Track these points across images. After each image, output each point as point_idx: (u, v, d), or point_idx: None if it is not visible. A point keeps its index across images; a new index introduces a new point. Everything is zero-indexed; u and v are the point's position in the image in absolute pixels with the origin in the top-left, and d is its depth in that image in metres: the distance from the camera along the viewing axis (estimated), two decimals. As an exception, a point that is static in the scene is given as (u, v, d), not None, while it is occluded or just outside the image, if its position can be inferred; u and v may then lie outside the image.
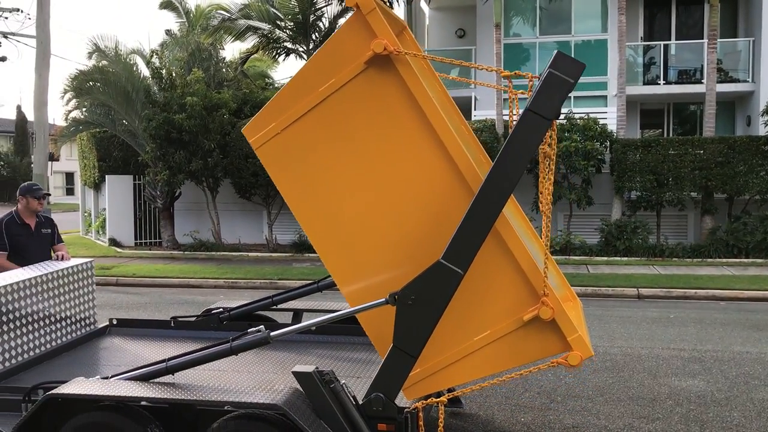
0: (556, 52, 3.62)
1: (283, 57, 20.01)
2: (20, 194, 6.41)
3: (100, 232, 19.70)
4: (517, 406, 5.99)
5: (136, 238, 18.79)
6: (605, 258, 15.17)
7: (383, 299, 3.81)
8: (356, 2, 3.78)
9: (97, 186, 19.76)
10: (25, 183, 6.59)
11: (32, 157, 47.49)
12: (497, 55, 16.77)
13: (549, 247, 3.88)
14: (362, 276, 4.05)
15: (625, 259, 15.04)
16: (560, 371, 6.97)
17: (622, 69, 16.44)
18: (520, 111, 3.67)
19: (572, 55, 18.82)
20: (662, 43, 19.35)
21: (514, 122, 3.72)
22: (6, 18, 26.76)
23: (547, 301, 3.67)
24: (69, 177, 53.33)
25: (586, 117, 16.18)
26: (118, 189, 18.56)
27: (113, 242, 18.44)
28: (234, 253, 16.81)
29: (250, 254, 16.77)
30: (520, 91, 3.87)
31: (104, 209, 19.17)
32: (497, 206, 3.59)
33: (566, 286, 4.88)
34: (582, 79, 18.86)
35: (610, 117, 17.51)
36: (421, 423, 3.96)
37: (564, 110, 16.97)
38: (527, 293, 3.75)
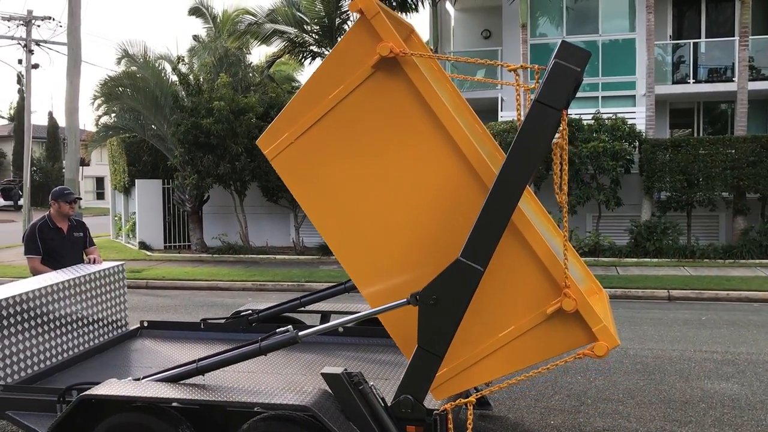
0: (560, 41, 3.61)
1: (309, 60, 20.11)
2: (52, 198, 6.52)
3: (130, 236, 19.97)
4: (546, 408, 5.94)
5: (165, 242, 19.01)
6: (635, 259, 14.99)
7: (405, 300, 3.80)
8: (359, 7, 3.78)
9: (127, 190, 20.03)
10: (57, 188, 6.70)
11: (63, 162, 48.21)
12: (523, 55, 16.69)
13: (568, 239, 3.83)
14: (382, 278, 4.05)
15: (655, 260, 14.85)
16: (590, 374, 6.90)
17: (651, 68, 16.26)
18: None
19: (600, 55, 18.75)
20: (692, 41, 19.08)
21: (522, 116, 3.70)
22: (38, 26, 27.28)
23: (569, 293, 3.64)
24: (99, 181, 54.10)
25: (614, 117, 16.01)
26: (148, 193, 18.79)
27: (143, 245, 18.67)
28: (261, 256, 16.92)
29: (278, 257, 16.87)
30: (526, 85, 3.92)
31: (134, 213, 19.42)
32: (512, 200, 3.57)
33: (591, 279, 4.83)
34: (610, 79, 18.76)
35: (638, 117, 17.32)
36: (450, 425, 3.95)
37: (592, 110, 16.84)
38: (549, 286, 3.72)
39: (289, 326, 4.32)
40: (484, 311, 3.82)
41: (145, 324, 6.26)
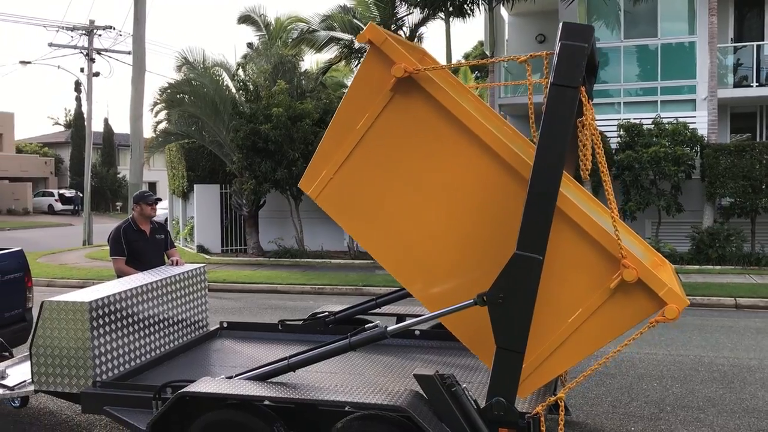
0: (561, 23, 3.71)
1: (364, 67, 20.22)
2: (135, 202, 6.72)
3: (189, 240, 20.36)
4: (625, 415, 5.88)
5: (222, 245, 19.34)
6: (697, 266, 14.68)
7: (471, 300, 3.84)
8: (368, 38, 3.98)
9: (186, 195, 20.43)
10: (138, 191, 6.91)
11: (118, 167, 49.21)
12: (581, 60, 16.51)
13: (615, 212, 3.81)
14: (442, 288, 4.10)
15: (719, 267, 14.52)
16: (666, 381, 6.80)
17: (713, 72, 15.93)
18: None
19: (658, 59, 18.43)
20: (755, 43, 18.62)
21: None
22: (99, 35, 28.07)
23: (628, 263, 3.64)
24: (151, 187, 55.31)
25: (675, 122, 15.74)
26: (206, 198, 19.15)
27: (201, 249, 19.02)
28: (317, 260, 17.08)
29: (333, 261, 17.01)
30: (533, 80, 4.08)
31: (192, 217, 19.80)
32: (553, 184, 3.62)
33: (652, 252, 4.82)
34: (669, 83, 18.44)
35: (699, 121, 16.96)
36: (543, 428, 3.95)
37: (651, 115, 16.58)
38: (607, 261, 3.73)
39: (378, 321, 4.40)
40: (549, 300, 3.83)
41: (225, 325, 6.40)
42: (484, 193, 3.95)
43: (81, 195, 44.48)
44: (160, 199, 6.78)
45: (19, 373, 5.34)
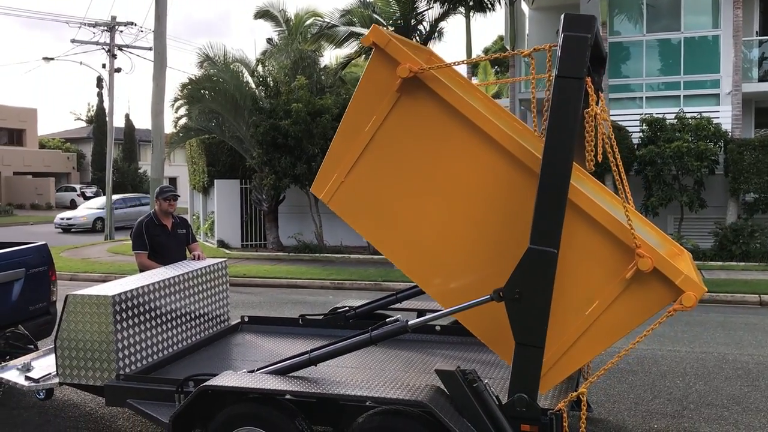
0: (563, 15, 3.69)
1: (384, 61, 20.19)
2: (155, 197, 6.77)
3: (209, 234, 20.49)
4: (647, 412, 5.83)
5: (242, 240, 19.43)
6: (720, 263, 14.51)
7: (487, 296, 3.82)
8: (372, 40, 4.00)
9: (206, 190, 20.55)
10: (158, 187, 6.96)
11: (139, 163, 49.57)
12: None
13: (631, 202, 3.81)
14: (457, 285, 4.09)
15: (742, 264, 14.34)
16: (689, 378, 6.73)
17: (738, 66, 15.72)
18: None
19: (681, 53, 18.22)
20: (780, 37, 18.36)
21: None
22: (121, 32, 28.30)
23: (642, 252, 3.60)
24: (171, 182, 55.74)
25: (698, 116, 15.56)
26: (226, 193, 19.25)
27: (221, 244, 19.13)
28: (337, 255, 17.11)
29: (352, 256, 17.03)
30: (536, 74, 4.08)
31: (212, 212, 19.92)
32: (563, 176, 3.60)
33: (670, 242, 4.78)
34: (692, 77, 18.22)
35: (723, 116, 16.74)
36: (565, 424, 3.92)
37: (674, 109, 16.40)
38: (621, 252, 3.70)
39: (399, 315, 4.40)
40: (565, 293, 3.81)
41: (246, 319, 6.43)
42: (495, 189, 3.95)
43: (102, 191, 45.01)
44: (178, 196, 6.81)
45: (44, 365, 5.41)
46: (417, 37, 18.98)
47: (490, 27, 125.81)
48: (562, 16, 3.71)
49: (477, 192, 3.99)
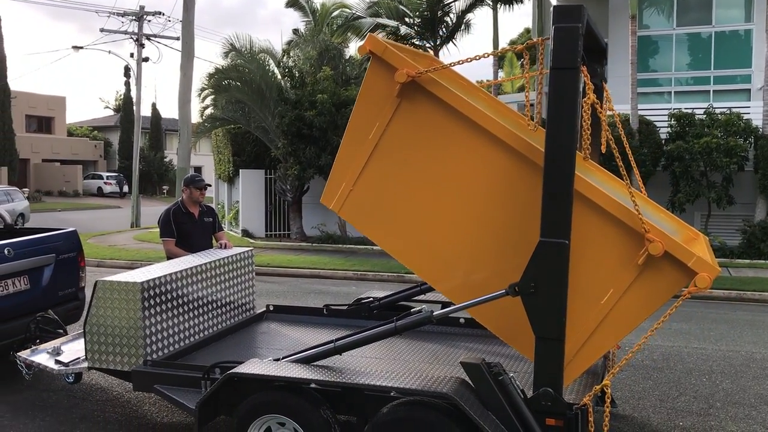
0: (552, 7, 3.72)
1: (410, 54, 20.15)
2: (184, 185, 6.83)
3: (233, 224, 20.64)
4: (672, 409, 5.78)
5: (266, 230, 19.55)
6: (747, 261, 14.31)
7: (503, 290, 3.83)
8: (368, 49, 4.07)
9: (231, 179, 20.69)
10: (189, 175, 7.02)
11: (165, 152, 50.02)
12: (632, 47, 16.16)
13: (643, 190, 3.84)
14: (472, 285, 4.09)
15: (771, 262, 14.13)
16: (715, 377, 6.67)
17: (771, 60, 15.39)
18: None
19: (712, 47, 17.96)
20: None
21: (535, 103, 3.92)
22: (149, 21, 28.51)
23: (652, 237, 3.60)
24: (197, 171, 56.20)
25: (728, 112, 15.32)
26: (251, 183, 19.36)
27: (245, 233, 19.26)
28: (359, 246, 17.15)
29: (375, 248, 17.00)
30: (529, 72, 4.09)
31: (237, 202, 20.05)
32: (567, 166, 3.60)
33: (685, 227, 4.78)
34: (722, 72, 17.97)
35: (753, 111, 16.45)
36: (591, 418, 3.90)
37: (703, 104, 16.16)
38: (632, 238, 3.69)
39: (424, 306, 4.40)
40: (579, 284, 3.80)
41: (271, 308, 6.47)
42: (502, 186, 3.97)
43: (123, 178, 45.50)
44: (209, 185, 6.86)
45: (73, 350, 5.49)
46: (444, 29, 18.90)
47: (517, 19, 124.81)
48: (551, 8, 3.74)
49: (485, 190, 4.02)
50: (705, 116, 15.26)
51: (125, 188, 45.34)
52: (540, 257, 3.66)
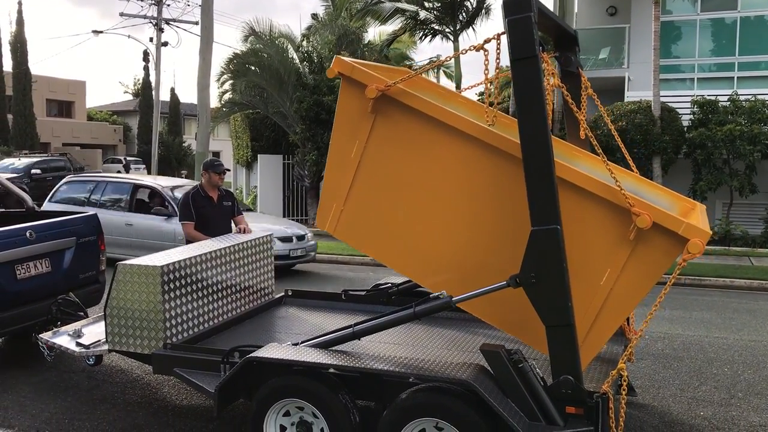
0: (502, 2, 3.74)
1: (429, 38, 20.05)
2: (204, 169, 6.84)
3: (252, 209, 20.69)
4: (693, 399, 5.72)
5: (284, 215, 19.58)
6: (770, 250, 14.15)
7: (504, 282, 3.83)
8: (336, 71, 4.20)
9: (249, 164, 20.75)
10: (208, 159, 7.02)
11: (183, 136, 50.08)
12: (655, 33, 15.92)
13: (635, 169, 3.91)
14: (472, 285, 4.08)
15: (794, 252, 13.95)
16: (737, 366, 6.59)
17: (797, 46, 15.14)
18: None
19: (737, 33, 17.64)
20: (843, 16, 17.64)
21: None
22: (168, 5, 28.55)
23: (638, 210, 3.64)
24: (215, 156, 56.36)
25: (752, 99, 15.08)
26: (269, 168, 19.39)
27: (263, 218, 19.31)
28: (377, 233, 17.13)
29: (393, 234, 17.02)
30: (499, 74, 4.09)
31: (255, 187, 20.10)
32: (545, 153, 3.62)
33: (681, 199, 4.78)
34: (747, 58, 17.66)
35: (779, 98, 16.21)
36: (611, 405, 3.87)
37: (728, 91, 15.93)
38: (619, 215, 3.73)
39: (443, 291, 4.37)
40: (576, 269, 3.79)
41: (290, 293, 6.48)
42: (486, 182, 4.01)
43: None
44: (228, 170, 6.87)
45: (93, 332, 5.53)
46: (463, 14, 18.73)
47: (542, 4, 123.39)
48: (501, 3, 3.76)
49: (468, 189, 4.07)
50: (729, 103, 15.04)
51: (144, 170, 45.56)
52: (535, 246, 3.69)
